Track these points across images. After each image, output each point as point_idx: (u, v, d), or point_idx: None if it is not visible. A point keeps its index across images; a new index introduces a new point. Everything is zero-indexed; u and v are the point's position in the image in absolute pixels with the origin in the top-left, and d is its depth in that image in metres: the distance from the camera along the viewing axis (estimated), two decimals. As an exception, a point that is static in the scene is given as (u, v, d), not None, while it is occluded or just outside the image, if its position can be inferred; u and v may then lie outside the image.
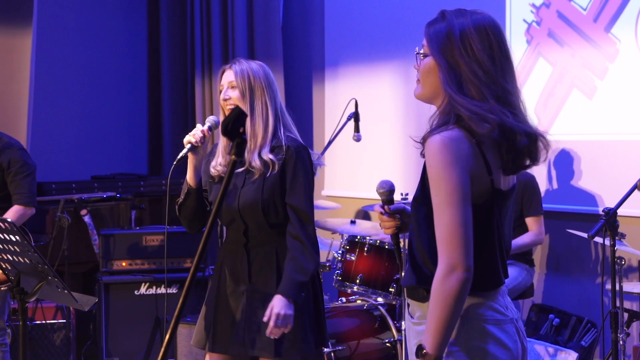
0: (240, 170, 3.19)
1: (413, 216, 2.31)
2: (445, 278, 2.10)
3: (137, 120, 7.37)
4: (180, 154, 3.11)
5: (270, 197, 3.13)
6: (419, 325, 2.30)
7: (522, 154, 2.23)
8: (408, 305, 2.39)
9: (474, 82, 2.19)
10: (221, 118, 3.23)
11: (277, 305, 3.04)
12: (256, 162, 3.13)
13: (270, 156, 3.13)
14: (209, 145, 3.60)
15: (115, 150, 7.16)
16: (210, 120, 3.20)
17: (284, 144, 3.16)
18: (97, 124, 7.04)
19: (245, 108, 3.16)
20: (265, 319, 3.05)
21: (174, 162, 3.11)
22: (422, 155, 2.24)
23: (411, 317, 2.36)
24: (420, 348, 2.16)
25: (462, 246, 2.11)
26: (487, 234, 2.21)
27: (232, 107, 3.19)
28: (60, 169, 6.65)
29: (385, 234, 2.57)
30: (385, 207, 2.53)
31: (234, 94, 3.18)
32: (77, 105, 6.93)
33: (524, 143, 2.21)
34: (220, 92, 3.23)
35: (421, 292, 2.28)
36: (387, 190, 2.52)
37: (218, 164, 3.24)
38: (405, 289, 2.38)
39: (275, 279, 3.15)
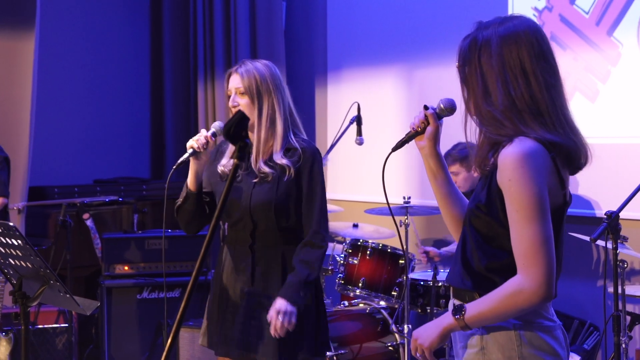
0: (250, 171, 3.16)
1: (470, 222, 2.27)
2: (528, 292, 2.10)
3: (140, 124, 7.37)
4: (182, 158, 3.08)
5: (284, 199, 3.11)
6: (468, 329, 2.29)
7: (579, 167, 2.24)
8: (454, 305, 2.36)
9: (502, 91, 2.17)
10: None
11: (280, 304, 3.03)
12: (265, 168, 3.11)
13: (285, 160, 3.10)
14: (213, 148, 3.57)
15: (117, 154, 7.16)
16: (215, 126, 3.15)
17: (298, 146, 3.13)
18: (100, 128, 7.05)
19: (254, 112, 3.13)
20: (268, 317, 3.03)
21: (174, 166, 3.07)
22: (482, 170, 2.23)
23: None
24: (461, 308, 2.18)
25: (548, 263, 2.11)
26: (557, 249, 2.19)
27: None
28: (62, 173, 6.65)
29: (412, 127, 2.51)
30: (430, 113, 2.45)
31: (243, 101, 3.14)
32: (79, 109, 6.94)
33: (579, 157, 2.22)
34: (229, 97, 3.19)
35: (475, 295, 2.26)
36: (447, 108, 2.42)
37: (224, 165, 3.21)
38: (452, 289, 2.36)
39: (280, 283, 3.12)
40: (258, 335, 3.11)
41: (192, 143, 3.07)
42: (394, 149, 2.49)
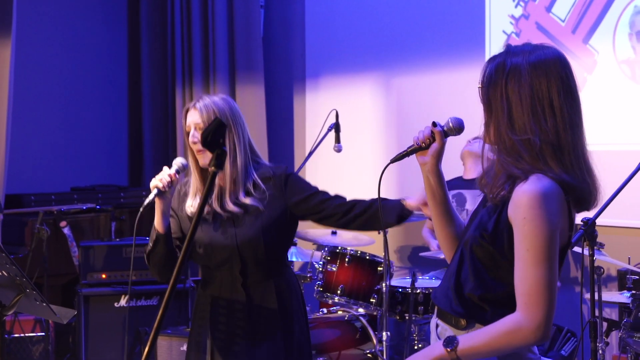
0: (219, 213, 3.06)
1: (470, 247, 2.24)
2: (525, 331, 2.09)
3: (117, 131, 7.34)
4: (147, 200, 2.96)
5: (272, 231, 3.04)
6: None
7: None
8: (437, 325, 2.35)
9: (528, 122, 2.14)
10: (190, 159, 3.12)
11: None
12: (233, 208, 3.03)
13: (248, 200, 3.03)
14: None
15: (95, 162, 7.12)
16: (177, 162, 3.05)
17: (269, 175, 3.08)
18: (77, 135, 7.01)
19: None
20: None
21: (140, 209, 2.95)
22: (495, 200, 2.20)
23: (439, 338, 2.31)
24: (453, 341, 2.15)
25: (549, 307, 2.09)
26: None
27: (202, 150, 3.06)
28: (39, 181, 6.61)
29: (416, 141, 2.40)
30: (438, 130, 2.36)
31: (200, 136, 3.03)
32: (56, 116, 6.90)
33: (589, 198, 2.22)
34: (188, 133, 3.11)
35: (462, 322, 2.25)
36: (456, 127, 2.37)
37: (192, 205, 3.12)
38: (437, 309, 2.34)
39: (278, 315, 3.05)
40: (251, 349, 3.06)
41: (157, 183, 2.97)
42: (393, 161, 2.44)
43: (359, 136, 6.02)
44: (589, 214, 3.36)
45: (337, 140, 4.95)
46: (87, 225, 5.94)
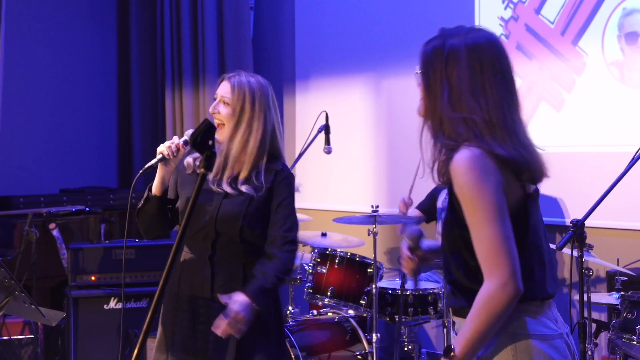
0: (216, 191, 3.08)
1: (446, 239, 2.28)
2: (495, 294, 2.08)
3: (107, 133, 7.33)
4: (150, 163, 3.01)
5: (253, 215, 3.03)
6: None
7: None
8: (453, 323, 2.37)
9: (466, 101, 2.18)
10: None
11: (240, 304, 2.90)
12: (226, 188, 3.04)
13: (244, 188, 3.03)
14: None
15: (84, 164, 7.11)
16: (187, 134, 3.04)
17: (276, 168, 3.08)
18: (66, 137, 6.99)
19: (234, 126, 3.05)
20: (221, 318, 2.89)
21: (141, 170, 3.00)
22: (443, 181, 2.23)
23: (456, 334, 2.31)
24: (449, 349, 2.15)
25: (510, 261, 2.09)
26: (526, 243, 2.20)
27: (220, 121, 3.07)
28: (28, 183, 6.59)
29: (407, 273, 2.56)
30: (418, 251, 2.51)
31: (224, 110, 3.07)
32: (45, 118, 6.88)
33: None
34: (215, 99, 3.12)
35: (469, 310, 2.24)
36: (416, 236, 2.50)
37: (196, 159, 3.13)
38: (451, 309, 2.37)
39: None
40: (217, 345, 3.03)
41: (163, 149, 3.01)
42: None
43: (349, 138, 6.02)
44: (578, 215, 3.38)
45: (327, 141, 4.96)
46: (76, 227, 5.93)
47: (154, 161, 3.01)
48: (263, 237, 3.08)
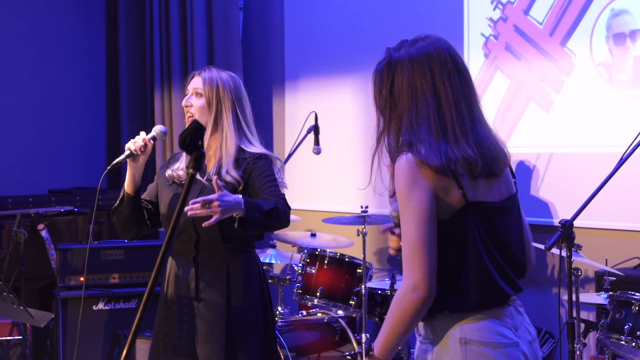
0: (198, 179, 3.09)
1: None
2: (405, 295, 2.13)
3: (95, 134, 7.31)
4: (117, 159, 3.03)
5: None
6: (423, 344, 2.30)
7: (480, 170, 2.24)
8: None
9: (418, 113, 2.22)
10: (185, 124, 3.12)
11: (227, 194, 2.83)
12: (227, 177, 3.03)
13: (229, 177, 3.03)
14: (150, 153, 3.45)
15: (73, 164, 7.09)
16: (155, 130, 3.10)
17: (247, 156, 3.08)
18: (55, 137, 6.98)
19: (209, 119, 3.07)
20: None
21: (108, 167, 3.05)
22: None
23: (418, 334, 2.36)
24: (369, 349, 2.22)
25: (424, 265, 2.13)
26: (466, 249, 2.20)
27: (192, 114, 3.10)
28: (16, 183, 6.57)
29: (392, 253, 2.56)
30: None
31: (197, 102, 3.10)
32: (34, 119, 6.86)
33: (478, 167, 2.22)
34: (185, 97, 3.15)
35: (444, 312, 2.26)
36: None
37: (181, 168, 3.15)
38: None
39: (225, 296, 3.04)
40: (204, 347, 3.04)
41: (130, 145, 3.04)
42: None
43: (338, 138, 6.02)
44: (567, 216, 3.39)
45: (317, 142, 4.96)
46: (65, 228, 5.91)
47: (121, 157, 3.04)
48: (246, 235, 3.04)
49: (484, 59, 5.33)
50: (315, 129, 4.95)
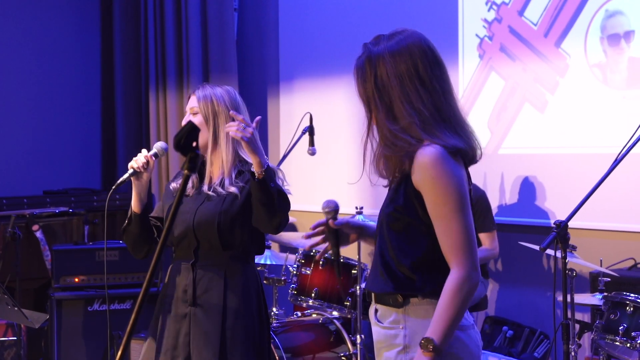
0: (201, 192, 3.13)
1: (387, 225, 2.34)
2: (464, 284, 2.19)
3: (90, 135, 7.30)
4: (121, 178, 3.07)
5: (229, 218, 3.05)
6: (391, 330, 2.33)
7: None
8: (376, 310, 2.40)
9: (413, 105, 2.26)
10: None
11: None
12: (219, 191, 3.08)
13: (233, 188, 3.07)
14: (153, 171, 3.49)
15: (67, 165, 7.08)
16: (156, 146, 3.13)
17: (245, 169, 3.11)
18: (50, 138, 6.96)
19: (209, 135, 3.13)
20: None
21: (113, 186, 3.07)
22: (394, 176, 2.31)
23: (379, 321, 2.38)
24: (428, 341, 2.19)
25: (475, 253, 2.22)
26: None
27: None
28: (11, 184, 6.56)
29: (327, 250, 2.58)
30: (330, 221, 2.52)
31: (195, 121, 3.12)
32: (29, 119, 6.85)
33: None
34: (184, 117, 3.22)
35: (397, 297, 2.31)
36: (332, 210, 2.54)
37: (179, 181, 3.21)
38: (374, 295, 2.41)
39: (222, 303, 3.06)
40: (199, 353, 3.05)
41: (132, 163, 3.07)
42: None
43: (333, 139, 6.03)
44: (562, 217, 3.39)
45: (311, 143, 4.95)
46: (59, 229, 5.90)
47: (125, 176, 3.07)
48: (244, 242, 3.09)
49: (479, 60, 5.34)
50: (310, 129, 4.95)
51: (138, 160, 3.06)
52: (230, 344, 3.05)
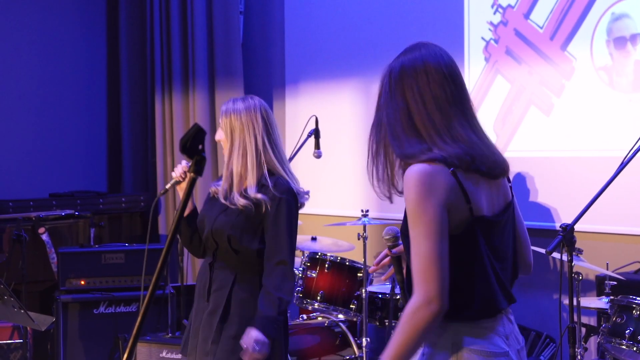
0: (221, 201, 3.32)
1: (404, 245, 2.34)
2: (419, 309, 2.12)
3: (96, 137, 7.31)
4: (165, 187, 3.30)
5: (236, 231, 3.24)
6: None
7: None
8: None
9: (421, 120, 2.24)
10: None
11: (254, 334, 3.14)
12: (241, 201, 3.24)
13: (260, 195, 3.24)
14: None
15: (73, 168, 7.09)
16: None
17: (269, 184, 3.25)
18: (56, 141, 6.98)
19: (228, 148, 3.33)
20: (242, 344, 3.15)
21: (158, 195, 3.38)
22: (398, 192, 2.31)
23: None
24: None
25: (439, 280, 2.12)
26: (474, 263, 2.21)
27: (224, 148, 3.37)
28: (17, 187, 6.57)
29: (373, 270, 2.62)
30: (387, 251, 2.54)
31: (219, 135, 3.37)
32: (35, 122, 6.86)
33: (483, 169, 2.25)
34: None
35: None
36: (392, 237, 2.53)
37: (219, 184, 3.39)
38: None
39: (225, 303, 3.26)
40: (203, 344, 3.27)
41: (174, 174, 3.30)
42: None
43: (339, 142, 6.02)
44: (568, 220, 3.38)
45: (317, 146, 4.95)
46: (65, 232, 5.91)
47: (168, 185, 3.29)
48: (253, 250, 3.26)
49: (485, 63, 5.33)
50: (315, 132, 4.95)
51: (176, 171, 3.28)
52: (228, 341, 3.23)
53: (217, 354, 3.21)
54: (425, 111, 2.24)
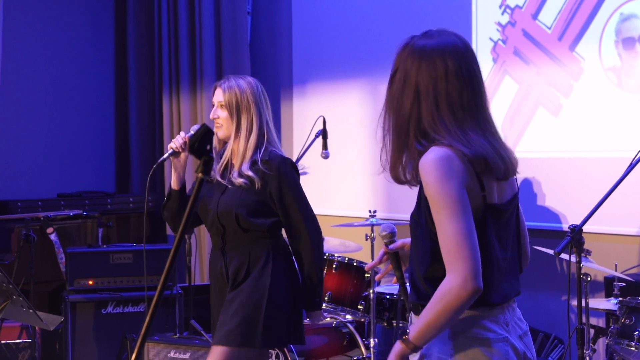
0: (220, 182, 3.36)
1: (411, 233, 2.32)
2: (454, 288, 2.10)
3: (104, 137, 7.32)
4: (162, 158, 3.32)
5: (243, 207, 3.29)
6: None
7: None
8: (411, 322, 2.39)
9: (436, 105, 2.23)
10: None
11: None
12: (238, 179, 3.30)
13: (250, 172, 3.28)
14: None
15: (82, 168, 7.10)
16: (194, 128, 3.39)
17: (267, 158, 3.31)
18: (64, 141, 6.99)
19: (232, 126, 3.36)
20: None
21: (155, 165, 3.32)
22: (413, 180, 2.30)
23: (411, 324, 2.36)
24: (404, 332, 2.18)
25: (472, 258, 2.11)
26: (484, 250, 2.19)
27: (221, 125, 3.38)
28: (25, 187, 6.58)
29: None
30: (385, 247, 2.51)
31: (223, 114, 3.37)
32: (43, 122, 6.88)
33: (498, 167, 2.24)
34: (213, 106, 3.43)
35: (419, 307, 2.27)
36: (388, 234, 2.50)
37: (215, 168, 3.42)
38: (412, 305, 2.39)
39: (249, 281, 3.31)
40: (219, 329, 3.34)
41: (171, 144, 3.33)
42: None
43: (346, 142, 6.02)
44: (576, 221, 3.38)
45: (325, 146, 4.96)
46: (74, 232, 5.92)
47: (165, 156, 3.33)
48: (262, 225, 3.32)
49: (493, 64, 5.33)
50: (323, 133, 4.95)
51: (176, 141, 3.32)
52: (255, 317, 3.30)
53: (223, 313, 3.31)
54: (437, 114, 2.23)
